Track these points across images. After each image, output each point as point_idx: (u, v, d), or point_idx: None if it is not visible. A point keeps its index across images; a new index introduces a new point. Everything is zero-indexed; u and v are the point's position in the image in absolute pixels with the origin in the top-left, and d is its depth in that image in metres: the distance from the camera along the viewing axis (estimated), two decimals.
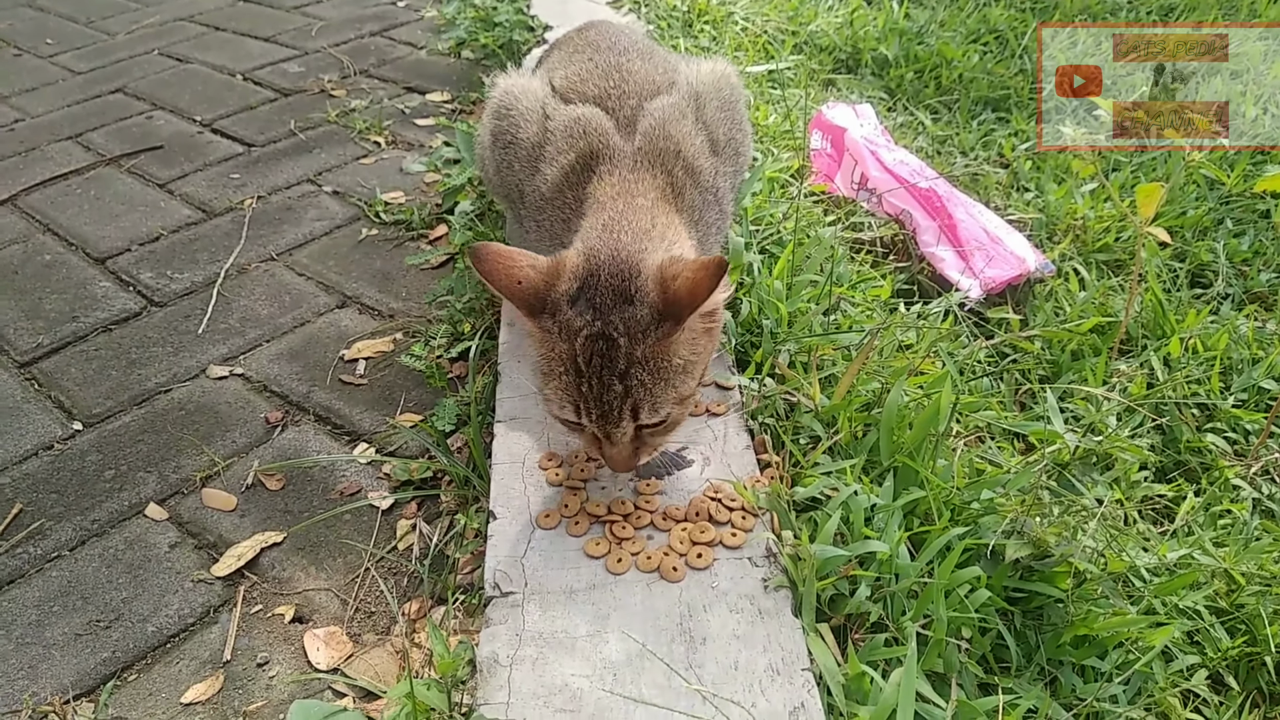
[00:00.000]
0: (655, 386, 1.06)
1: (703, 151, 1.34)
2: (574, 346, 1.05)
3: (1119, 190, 1.97)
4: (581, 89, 1.39)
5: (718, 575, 1.07)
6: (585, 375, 1.05)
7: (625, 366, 1.04)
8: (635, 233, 1.13)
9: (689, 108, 1.36)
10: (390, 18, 3.35)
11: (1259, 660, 1.11)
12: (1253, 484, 1.34)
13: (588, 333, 1.04)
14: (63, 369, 1.66)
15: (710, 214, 1.33)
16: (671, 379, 1.07)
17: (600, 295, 1.06)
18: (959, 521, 1.13)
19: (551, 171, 1.32)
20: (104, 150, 2.41)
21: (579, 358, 1.05)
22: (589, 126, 1.31)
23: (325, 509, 1.37)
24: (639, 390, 1.05)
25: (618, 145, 1.29)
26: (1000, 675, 1.04)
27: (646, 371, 1.05)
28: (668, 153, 1.28)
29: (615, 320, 1.04)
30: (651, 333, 1.04)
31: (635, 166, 1.26)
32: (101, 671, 1.15)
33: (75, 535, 1.34)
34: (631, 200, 1.21)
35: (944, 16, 2.87)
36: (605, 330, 1.04)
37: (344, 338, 1.72)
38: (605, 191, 1.24)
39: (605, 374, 1.04)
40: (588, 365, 1.04)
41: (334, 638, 1.19)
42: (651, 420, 1.07)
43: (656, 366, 1.06)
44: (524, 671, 0.97)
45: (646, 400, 1.05)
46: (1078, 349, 1.57)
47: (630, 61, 1.43)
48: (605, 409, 1.06)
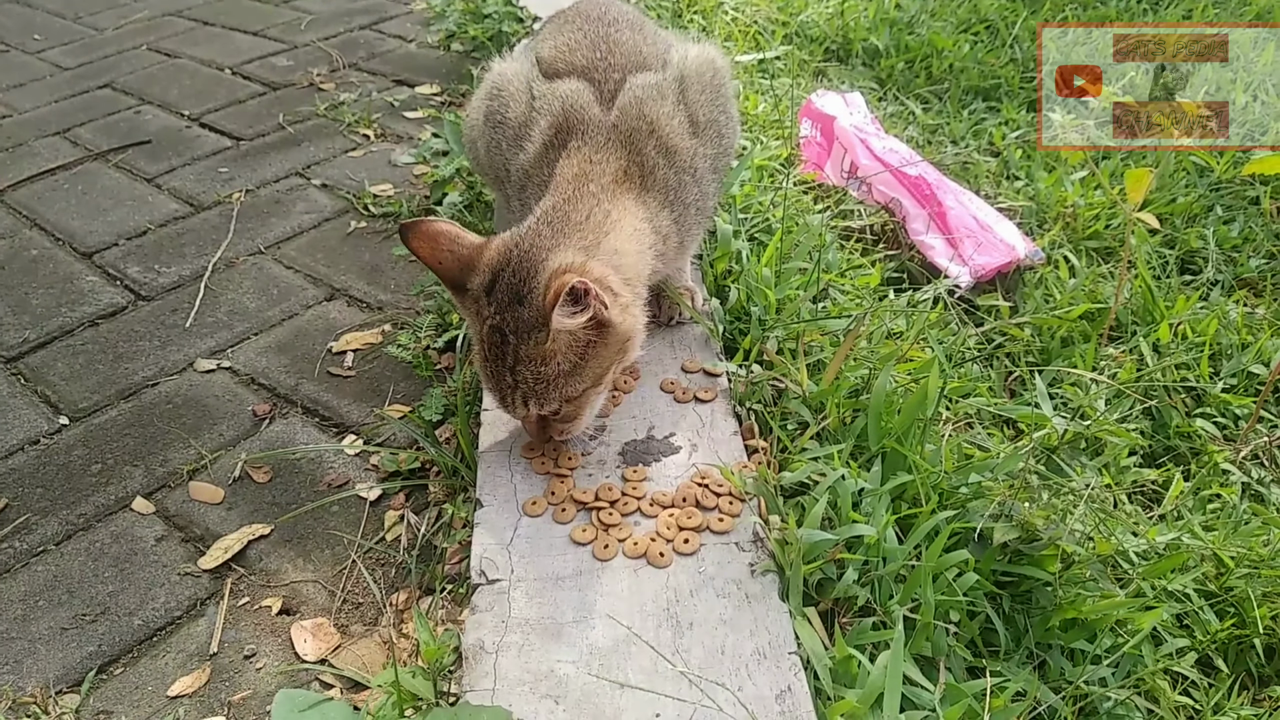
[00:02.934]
0: (538, 385, 1.12)
1: (680, 131, 1.34)
2: (480, 333, 1.13)
3: (1109, 177, 1.97)
4: (569, 59, 1.40)
5: (705, 560, 1.07)
6: (488, 360, 1.14)
7: (513, 362, 1.12)
8: (561, 226, 1.17)
9: (671, 88, 1.36)
10: (380, 11, 3.34)
11: (1248, 643, 1.11)
12: (1242, 468, 1.34)
13: (490, 324, 1.12)
14: (49, 364, 1.65)
15: (689, 193, 1.34)
16: (555, 380, 1.13)
17: (501, 291, 1.12)
18: (947, 505, 1.13)
19: (532, 147, 1.34)
20: (91, 145, 2.40)
21: (484, 344, 1.13)
22: (566, 99, 1.33)
23: (313, 501, 1.36)
24: (525, 385, 1.13)
25: (593, 117, 1.31)
26: (988, 658, 1.03)
27: (530, 370, 1.12)
28: (640, 131, 1.30)
29: (508, 318, 1.11)
30: (533, 334, 1.11)
31: (605, 144, 1.28)
32: (88, 665, 1.15)
33: (61, 529, 1.33)
34: (584, 185, 1.24)
35: (935, 6, 2.86)
36: (499, 325, 1.11)
37: (332, 330, 1.71)
38: (567, 171, 1.26)
39: (499, 365, 1.12)
40: (489, 353, 1.14)
41: (321, 629, 1.18)
42: (543, 411, 1.15)
43: (539, 367, 1.12)
44: (510, 658, 0.96)
45: (533, 395, 1.13)
46: (1067, 335, 1.57)
47: (619, 33, 1.43)
48: (502, 395, 1.15)
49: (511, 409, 1.17)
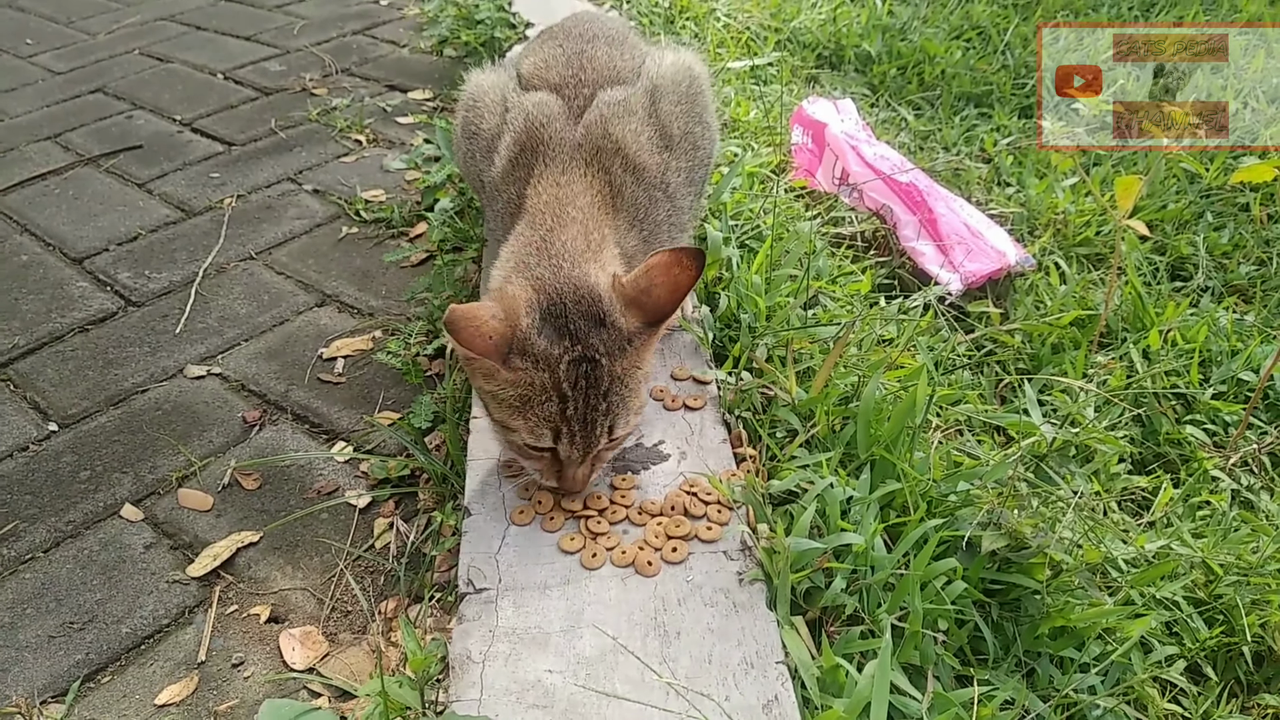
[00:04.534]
0: (630, 399, 1.10)
1: (649, 148, 1.32)
2: (557, 374, 1.06)
3: (1099, 184, 1.97)
4: (545, 75, 1.40)
5: (693, 569, 1.07)
6: (571, 398, 1.06)
7: (608, 385, 1.07)
8: (574, 255, 1.15)
9: (641, 102, 1.35)
10: (372, 16, 3.34)
11: (1237, 650, 1.11)
12: (1231, 475, 1.34)
13: (570, 358, 1.06)
14: (39, 369, 1.64)
15: (659, 211, 1.32)
16: (638, 390, 1.12)
17: (572, 322, 1.07)
18: (936, 513, 1.13)
19: (500, 161, 1.33)
20: (83, 150, 2.40)
21: (564, 383, 1.06)
22: (529, 114, 1.31)
23: (302, 508, 1.36)
24: (618, 405, 1.09)
25: (555, 133, 1.29)
26: (977, 667, 1.03)
27: (625, 386, 1.09)
28: (606, 150, 1.28)
29: (595, 343, 1.07)
30: (628, 348, 1.08)
31: (570, 165, 1.26)
32: (75, 674, 1.14)
33: (50, 537, 1.33)
34: (563, 212, 1.21)
35: (927, 13, 2.87)
36: (587, 353, 1.06)
37: (323, 336, 1.71)
38: (538, 198, 1.24)
39: (591, 394, 1.07)
40: (574, 389, 1.06)
41: (310, 637, 1.18)
42: (623, 433, 1.12)
43: (631, 380, 1.10)
44: (496, 668, 0.96)
45: (622, 414, 1.09)
46: (1058, 342, 1.57)
47: (595, 48, 1.43)
48: (589, 428, 1.08)
49: (595, 442, 1.09)
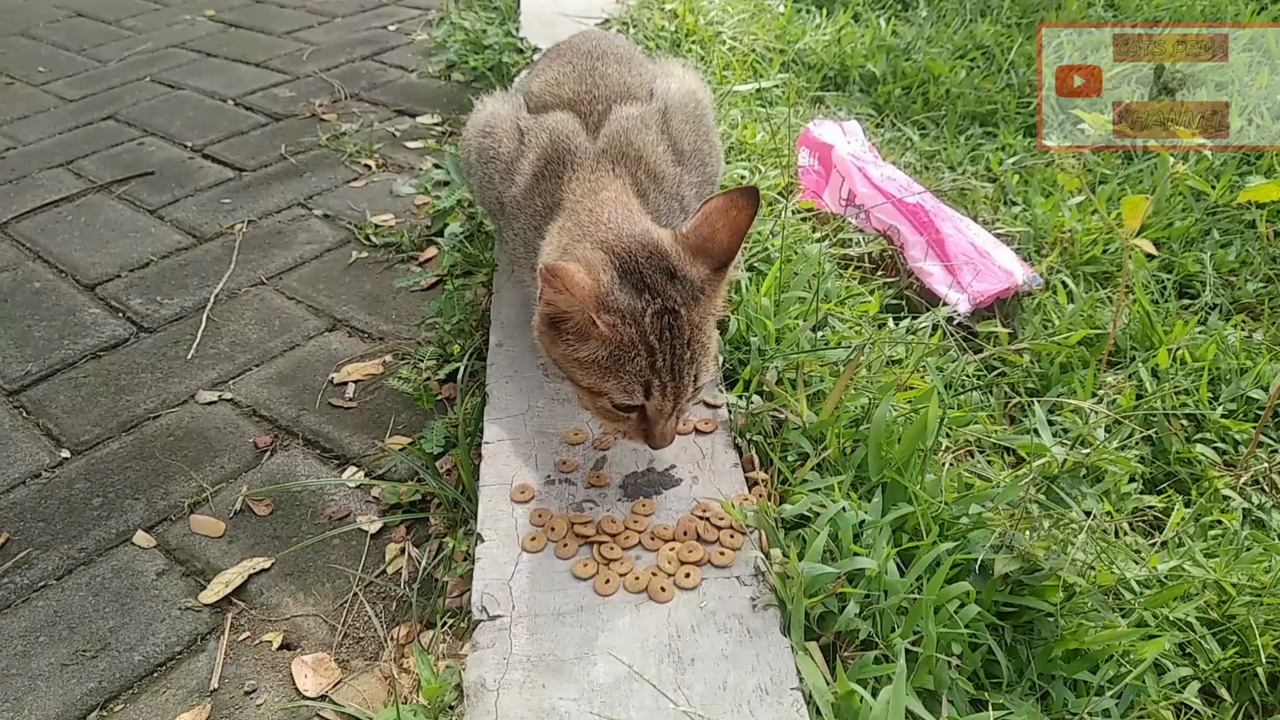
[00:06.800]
0: (709, 345, 1.14)
1: (666, 159, 1.38)
2: (643, 327, 1.08)
3: (1105, 203, 1.97)
4: (557, 92, 1.45)
5: (706, 595, 1.07)
6: (659, 351, 1.09)
7: (690, 334, 1.11)
8: (627, 218, 1.20)
9: (655, 119, 1.41)
10: (381, 42, 3.37)
11: (1251, 671, 1.10)
12: (1242, 494, 1.34)
13: (654, 310, 1.09)
14: (51, 396, 1.66)
15: (675, 220, 1.36)
16: (713, 336, 1.16)
17: (648, 276, 1.10)
18: (948, 536, 1.12)
19: (522, 179, 1.37)
20: (95, 177, 2.42)
21: (650, 335, 1.09)
22: (553, 131, 1.36)
23: (314, 534, 1.36)
24: (700, 353, 1.12)
25: (580, 145, 1.34)
26: (991, 691, 1.03)
27: (703, 333, 1.13)
28: (629, 157, 1.34)
29: (673, 294, 1.10)
30: (701, 297, 1.12)
31: (598, 168, 1.32)
32: (88, 702, 1.15)
33: (62, 564, 1.34)
34: (599, 195, 1.26)
35: (931, 33, 2.89)
36: (667, 305, 1.09)
37: (333, 361, 1.72)
38: (575, 191, 1.29)
39: (676, 345, 1.10)
40: (660, 341, 1.09)
41: (322, 664, 1.18)
42: (706, 379, 1.15)
43: (707, 326, 1.14)
44: (511, 696, 0.96)
45: (704, 361, 1.13)
46: (1066, 361, 1.57)
47: (606, 66, 1.48)
48: (678, 378, 1.11)
49: (684, 391, 1.12)
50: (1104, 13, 2.98)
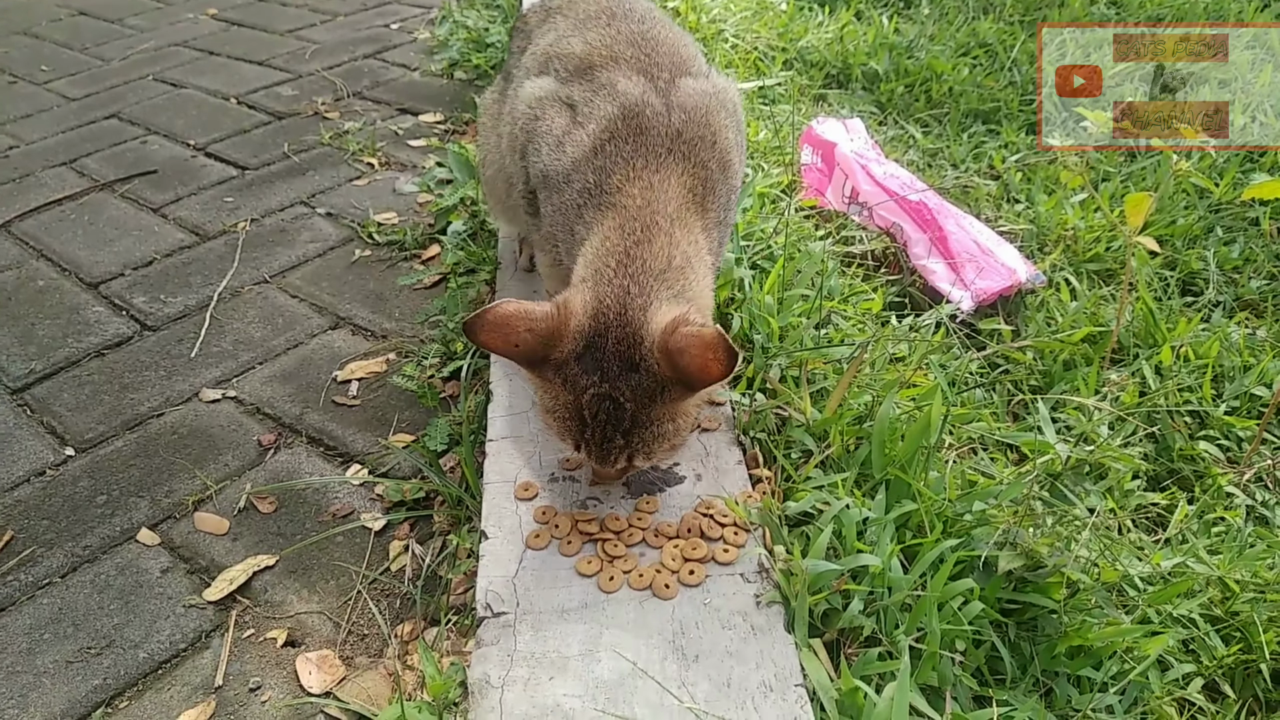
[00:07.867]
0: (655, 442, 1.08)
1: (734, 146, 1.28)
2: (579, 400, 1.06)
3: (1109, 200, 1.97)
4: (613, 50, 1.31)
5: (710, 592, 1.07)
6: (589, 425, 1.07)
7: (629, 426, 1.06)
8: (650, 279, 1.09)
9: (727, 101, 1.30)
10: (383, 40, 3.37)
11: (1255, 668, 1.10)
12: (1246, 491, 1.34)
13: (594, 392, 1.05)
14: (55, 394, 1.66)
15: (731, 215, 1.30)
16: (671, 435, 1.09)
17: (606, 360, 1.05)
18: (951, 533, 1.13)
19: (574, 150, 1.23)
20: (98, 175, 2.42)
21: (584, 411, 1.06)
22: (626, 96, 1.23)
23: (318, 531, 1.37)
24: (638, 445, 1.08)
25: (654, 114, 1.21)
26: (995, 687, 1.03)
27: (650, 431, 1.07)
28: (705, 140, 1.22)
29: (622, 387, 1.05)
30: (657, 399, 1.06)
31: (667, 157, 1.19)
32: (93, 699, 1.15)
33: (67, 562, 1.34)
34: (652, 217, 1.14)
35: (934, 31, 2.89)
36: (611, 394, 1.05)
37: (337, 359, 1.72)
38: (630, 199, 1.16)
39: (609, 429, 1.06)
40: (593, 419, 1.06)
41: (326, 661, 1.18)
42: (643, 465, 1.12)
43: (660, 428, 1.08)
44: (515, 693, 0.96)
45: (642, 451, 1.09)
46: (1070, 359, 1.57)
47: (656, 29, 1.36)
48: (604, 453, 1.08)
49: (611, 465, 1.10)
50: (1106, 10, 2.99)
